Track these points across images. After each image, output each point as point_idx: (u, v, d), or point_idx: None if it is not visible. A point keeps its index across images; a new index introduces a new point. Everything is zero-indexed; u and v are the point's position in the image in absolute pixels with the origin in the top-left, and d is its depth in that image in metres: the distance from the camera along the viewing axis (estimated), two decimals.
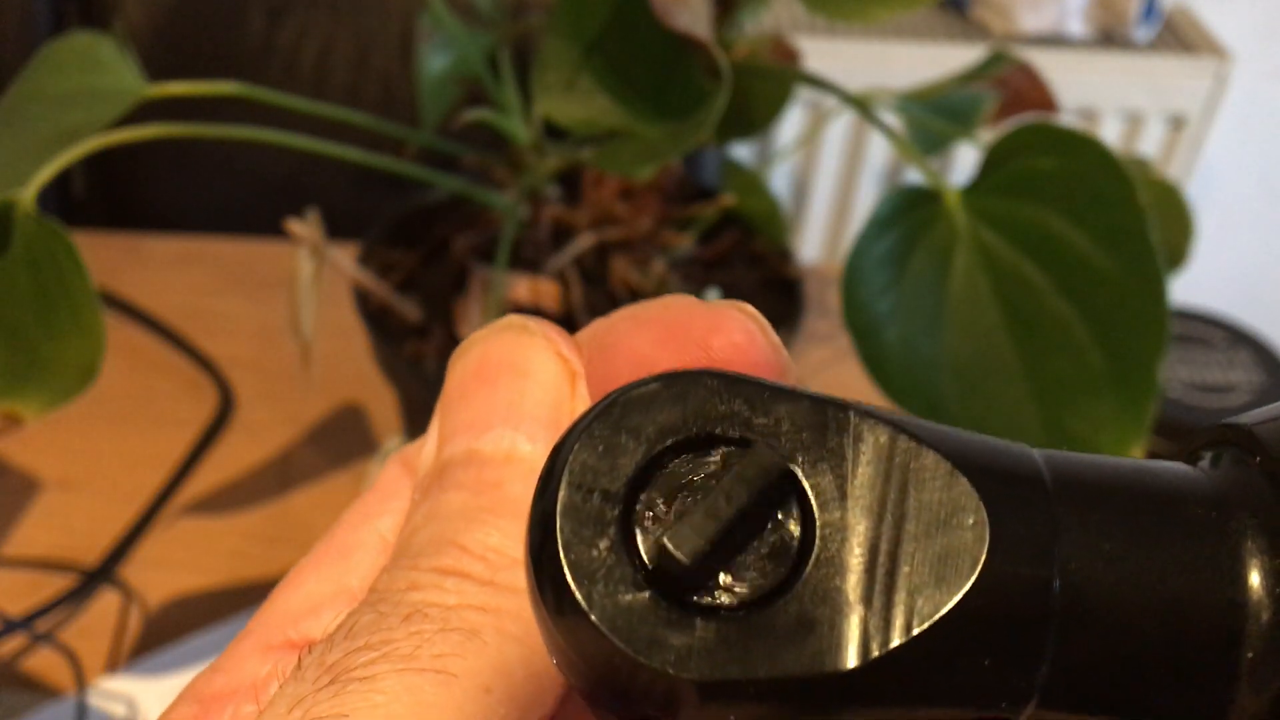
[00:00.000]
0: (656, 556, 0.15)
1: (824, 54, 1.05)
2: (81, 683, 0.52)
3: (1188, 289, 0.64)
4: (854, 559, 0.15)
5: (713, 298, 0.56)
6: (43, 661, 0.53)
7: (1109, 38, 1.16)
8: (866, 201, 1.19)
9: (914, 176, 1.16)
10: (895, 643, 0.14)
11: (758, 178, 0.62)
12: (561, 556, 0.15)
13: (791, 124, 1.13)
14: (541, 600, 0.15)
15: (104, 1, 0.84)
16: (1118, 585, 0.15)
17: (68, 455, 0.63)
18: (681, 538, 0.15)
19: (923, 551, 0.15)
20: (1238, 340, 0.60)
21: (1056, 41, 1.15)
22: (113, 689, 0.52)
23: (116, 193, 0.90)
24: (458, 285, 0.55)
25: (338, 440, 0.65)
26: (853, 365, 0.44)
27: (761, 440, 0.15)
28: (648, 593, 0.14)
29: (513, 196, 0.53)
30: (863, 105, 0.47)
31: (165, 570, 0.57)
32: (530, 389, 0.17)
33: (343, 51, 0.85)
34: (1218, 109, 1.15)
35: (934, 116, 0.56)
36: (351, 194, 0.80)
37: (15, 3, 0.83)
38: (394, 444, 0.64)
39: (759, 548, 0.15)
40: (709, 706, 0.14)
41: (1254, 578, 0.15)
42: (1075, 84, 1.09)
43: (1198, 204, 0.61)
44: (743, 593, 0.15)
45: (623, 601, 0.14)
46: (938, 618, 0.14)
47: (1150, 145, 1.17)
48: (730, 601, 0.15)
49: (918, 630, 0.14)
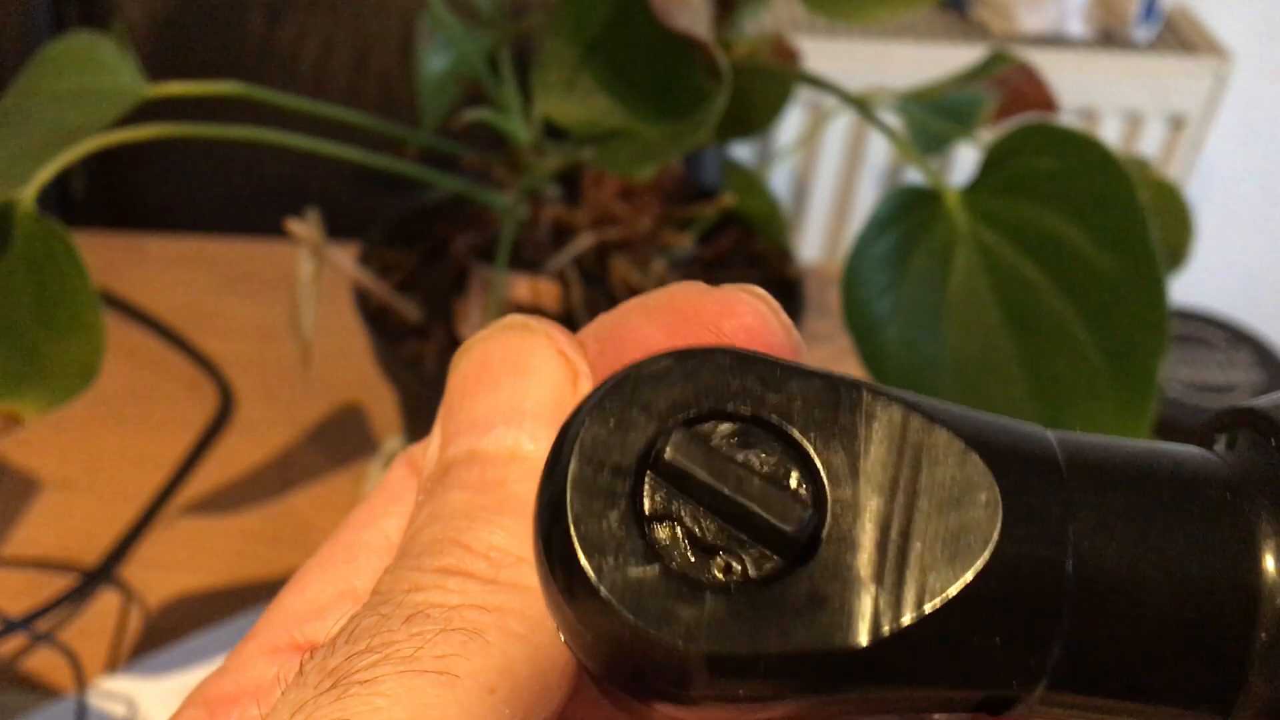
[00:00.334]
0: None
1: (824, 54, 1.04)
2: (81, 683, 0.52)
3: (1188, 289, 0.64)
4: (866, 536, 0.15)
5: None
6: (43, 661, 0.53)
7: (1109, 38, 1.16)
8: (866, 201, 1.19)
9: (914, 176, 1.16)
10: (906, 620, 0.14)
11: (758, 178, 0.62)
12: (572, 529, 0.15)
13: (791, 124, 1.13)
14: (551, 574, 0.15)
15: (104, 1, 0.84)
16: (1131, 566, 0.15)
17: (68, 455, 0.63)
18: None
19: (935, 529, 0.15)
20: (1238, 340, 0.60)
21: (1056, 41, 1.15)
22: (113, 689, 0.52)
23: (116, 193, 0.90)
24: (458, 285, 0.55)
25: (338, 440, 0.65)
26: (853, 365, 0.44)
27: (775, 416, 0.15)
28: (658, 566, 0.14)
29: (513, 196, 0.53)
30: (863, 105, 0.47)
31: (165, 570, 0.57)
32: (532, 388, 0.17)
33: (343, 51, 0.85)
34: (1218, 109, 1.15)
35: (934, 116, 0.56)
36: (351, 194, 0.80)
37: (15, 3, 0.83)
38: (394, 444, 0.64)
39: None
40: (718, 681, 0.14)
41: (1268, 560, 0.15)
42: (1075, 84, 1.09)
43: (1198, 204, 0.61)
44: (754, 568, 0.15)
45: (632, 575, 0.14)
46: (949, 596, 0.14)
47: (1150, 145, 1.17)
48: (742, 576, 0.14)
49: (929, 608, 0.14)
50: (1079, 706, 0.15)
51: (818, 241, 1.25)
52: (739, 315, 0.17)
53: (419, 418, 0.57)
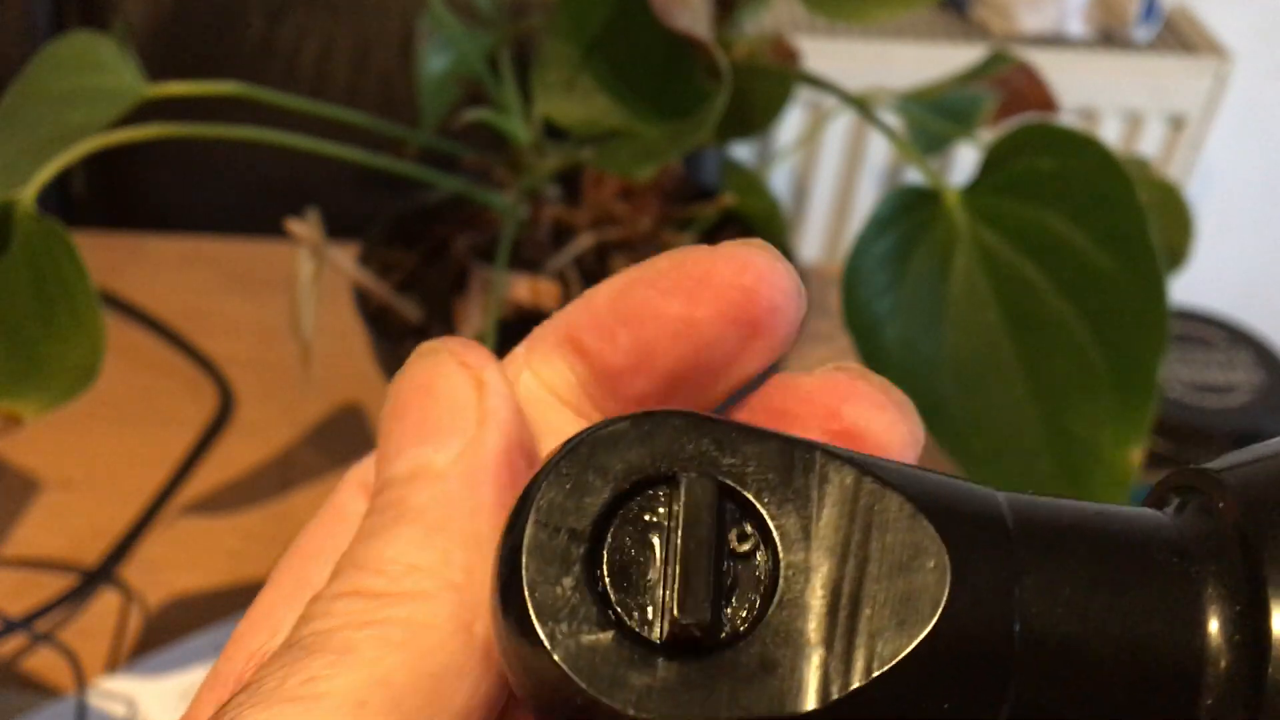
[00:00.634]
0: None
1: (824, 54, 1.04)
2: (81, 683, 0.52)
3: (1188, 289, 0.64)
4: (817, 600, 0.15)
5: None
6: (43, 661, 0.53)
7: (1109, 38, 1.16)
8: (866, 201, 1.19)
9: (914, 176, 1.16)
10: (855, 685, 0.14)
11: (758, 178, 0.62)
12: (526, 594, 0.15)
13: (791, 124, 1.13)
14: (506, 633, 0.15)
15: (104, 1, 0.84)
16: (1079, 629, 0.15)
17: (68, 455, 0.63)
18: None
19: (884, 593, 0.15)
20: (1238, 340, 0.60)
21: (1056, 41, 1.15)
22: (113, 689, 0.52)
23: (116, 193, 0.90)
24: (458, 285, 0.55)
25: (338, 440, 0.65)
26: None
27: (730, 480, 0.15)
28: (611, 632, 0.15)
29: (513, 196, 0.53)
30: (863, 105, 0.47)
31: (165, 570, 0.57)
32: (433, 404, 0.18)
33: (343, 51, 0.85)
34: (1218, 109, 1.15)
35: (934, 116, 0.56)
36: (351, 194, 0.80)
37: (15, 3, 0.83)
38: None
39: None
40: None
41: (1213, 625, 0.15)
42: (1075, 84, 1.09)
43: (1198, 204, 0.61)
44: (706, 633, 0.15)
45: (585, 640, 0.14)
46: (898, 660, 0.14)
47: (1150, 145, 1.17)
48: (695, 642, 0.15)
49: (878, 672, 0.14)
50: None
51: (818, 241, 1.25)
52: (754, 268, 0.17)
53: None
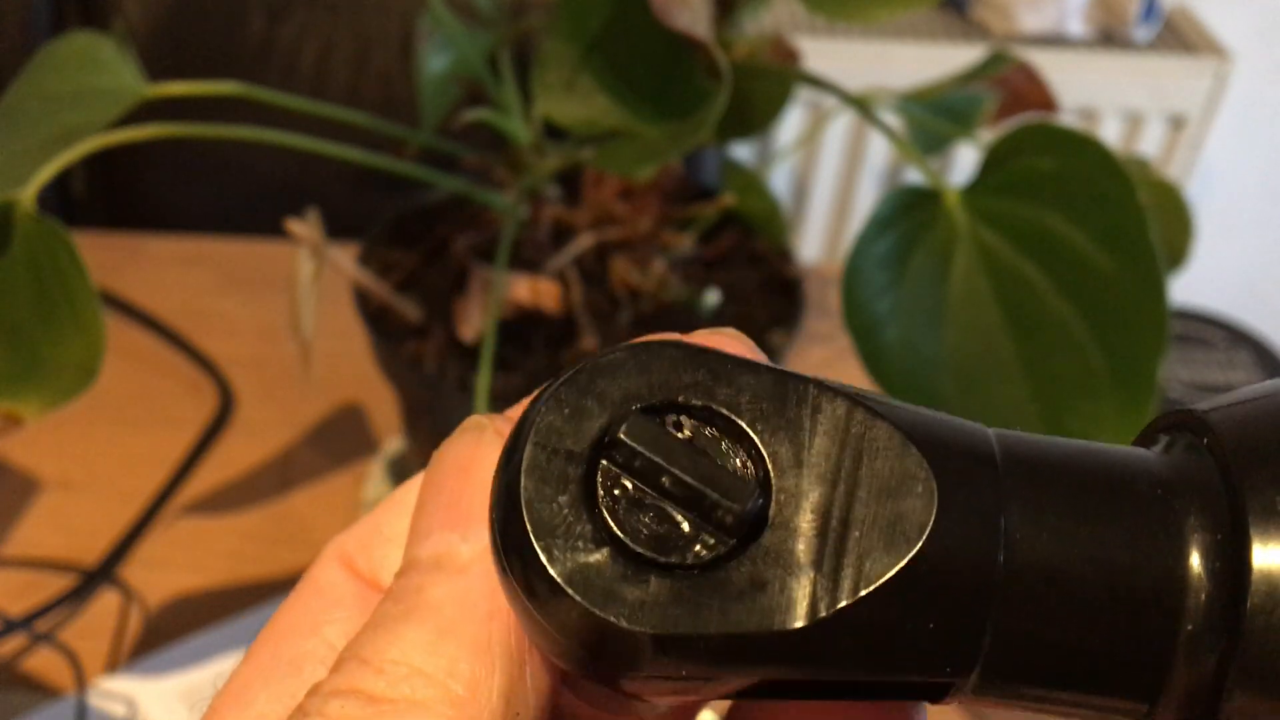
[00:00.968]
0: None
1: (824, 54, 1.05)
2: (81, 683, 0.52)
3: (1188, 289, 0.64)
4: (807, 523, 0.15)
5: (713, 298, 0.56)
6: (43, 661, 0.53)
7: (1109, 38, 1.16)
8: (866, 201, 1.19)
9: (914, 176, 1.16)
10: (842, 603, 0.15)
11: (758, 178, 0.62)
12: (524, 512, 0.15)
13: (791, 124, 1.13)
14: (504, 557, 0.15)
15: (104, 1, 0.84)
16: (1061, 558, 0.15)
17: (68, 455, 0.63)
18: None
19: (873, 517, 0.15)
20: (1238, 340, 0.60)
21: (1056, 41, 1.15)
22: (113, 689, 0.52)
23: (116, 193, 0.90)
24: (458, 285, 0.55)
25: (338, 440, 0.65)
26: (853, 365, 0.44)
27: (725, 408, 0.16)
28: (606, 549, 0.15)
29: (513, 196, 0.53)
30: (863, 105, 0.47)
31: (165, 570, 0.57)
32: (469, 487, 0.17)
33: (343, 51, 0.85)
34: (1218, 109, 1.15)
35: (934, 116, 0.56)
36: (351, 194, 0.80)
37: (15, 3, 0.83)
38: (394, 444, 0.64)
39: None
40: (661, 661, 0.15)
41: (1194, 555, 0.15)
42: (1075, 84, 1.09)
43: (1198, 204, 0.61)
44: (699, 553, 0.15)
45: (581, 557, 0.15)
46: (884, 580, 0.15)
47: (1150, 145, 1.17)
48: (686, 560, 0.15)
49: (864, 592, 0.15)
50: (1011, 695, 0.16)
51: (818, 241, 1.25)
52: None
53: (419, 418, 0.57)
